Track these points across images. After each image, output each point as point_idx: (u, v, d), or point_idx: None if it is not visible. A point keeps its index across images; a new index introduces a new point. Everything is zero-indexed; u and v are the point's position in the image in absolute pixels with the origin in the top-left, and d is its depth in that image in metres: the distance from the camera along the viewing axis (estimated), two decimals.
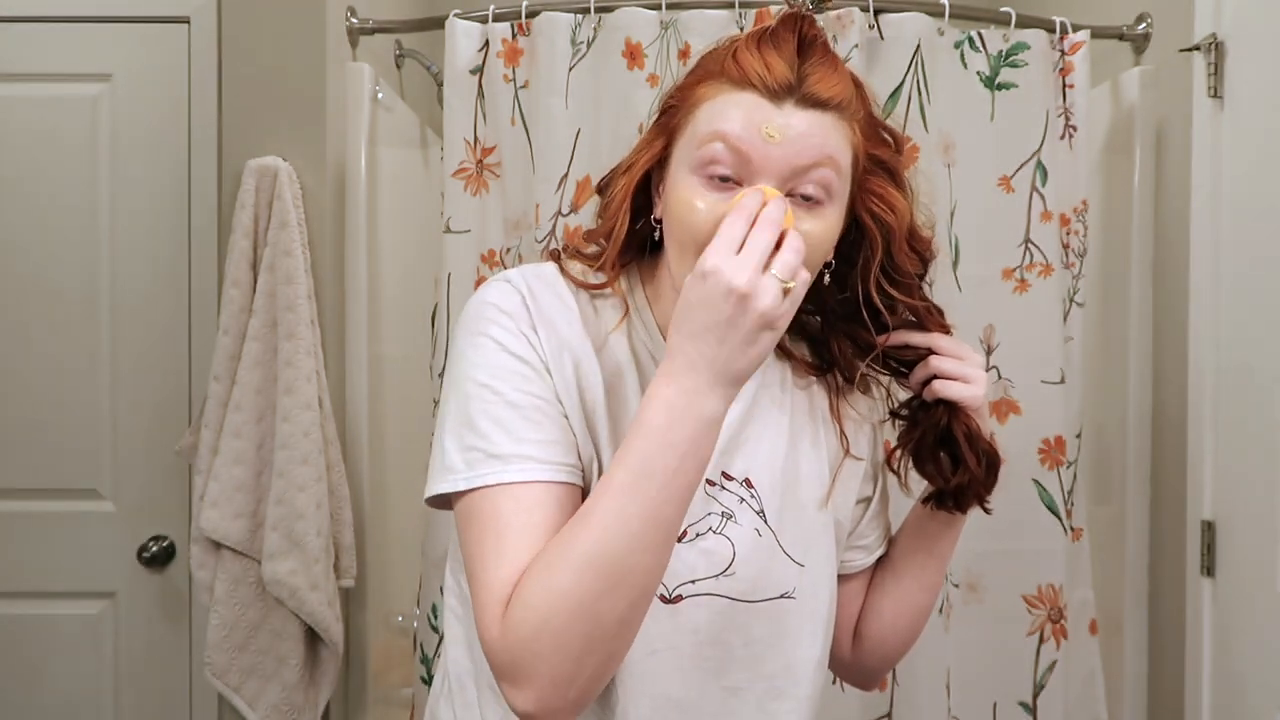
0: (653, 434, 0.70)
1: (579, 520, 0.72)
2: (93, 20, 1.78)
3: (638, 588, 0.71)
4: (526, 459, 0.76)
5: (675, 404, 0.70)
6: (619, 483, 0.71)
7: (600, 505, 0.71)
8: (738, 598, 0.85)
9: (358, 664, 1.86)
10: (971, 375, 0.86)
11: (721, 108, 0.78)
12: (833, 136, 0.78)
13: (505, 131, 1.71)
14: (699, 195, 0.77)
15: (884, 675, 1.08)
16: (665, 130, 0.83)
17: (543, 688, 0.70)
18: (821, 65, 0.78)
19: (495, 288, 0.83)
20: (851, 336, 0.89)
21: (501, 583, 0.72)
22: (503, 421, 0.77)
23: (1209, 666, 1.55)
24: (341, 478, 1.75)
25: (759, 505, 0.86)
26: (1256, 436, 1.43)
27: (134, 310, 1.80)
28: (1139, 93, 1.76)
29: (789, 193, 0.77)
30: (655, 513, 0.70)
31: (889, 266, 0.84)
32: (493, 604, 0.72)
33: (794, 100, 0.76)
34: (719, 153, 0.76)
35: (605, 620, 0.70)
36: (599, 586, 0.69)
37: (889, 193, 0.83)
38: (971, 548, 1.66)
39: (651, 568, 0.71)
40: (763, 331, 0.70)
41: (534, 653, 0.69)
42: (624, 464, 0.71)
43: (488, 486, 0.75)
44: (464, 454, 0.77)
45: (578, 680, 0.71)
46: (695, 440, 0.71)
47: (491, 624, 0.71)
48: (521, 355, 0.79)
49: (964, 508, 0.91)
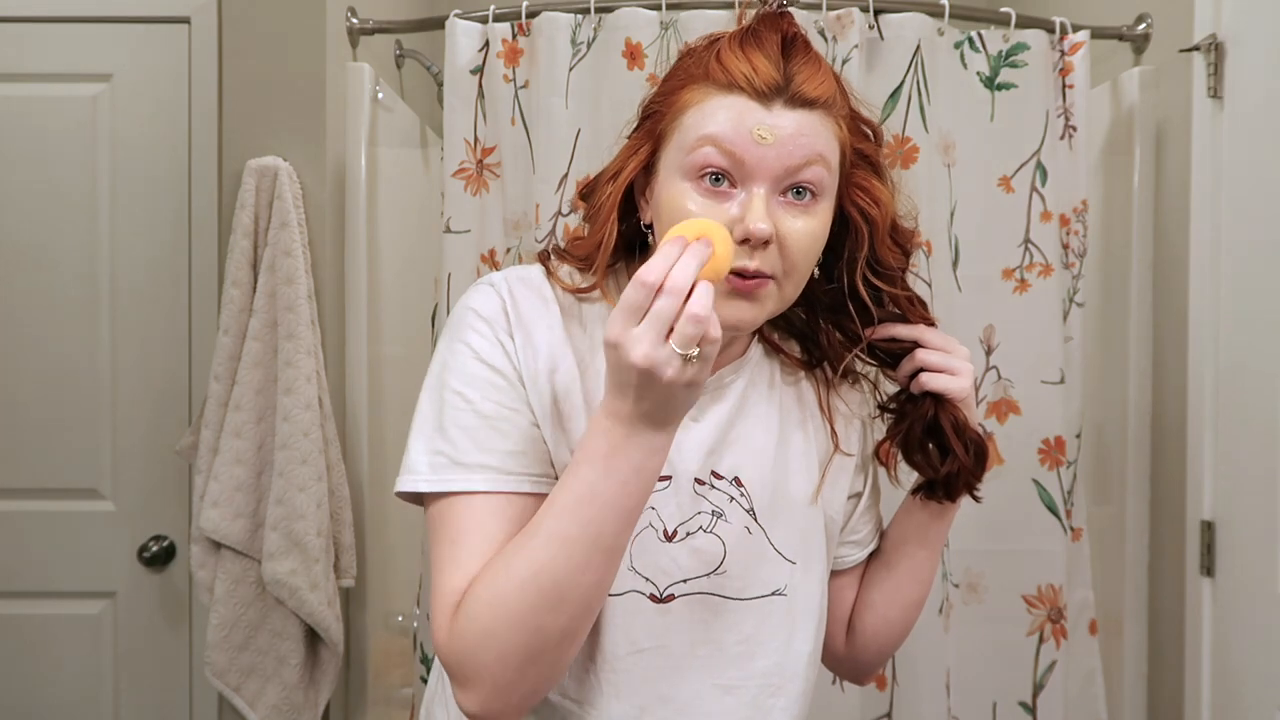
0: (596, 460, 0.71)
1: (525, 536, 0.73)
2: (93, 20, 1.78)
3: (580, 603, 0.72)
4: (489, 469, 0.77)
5: (614, 434, 0.70)
6: (562, 504, 0.72)
7: (544, 525, 0.72)
8: (729, 595, 0.85)
9: (358, 664, 1.86)
10: (957, 367, 0.87)
11: (710, 111, 0.78)
12: (822, 134, 0.78)
13: (505, 131, 1.71)
14: (692, 200, 0.77)
15: (879, 669, 1.08)
16: (651, 136, 0.83)
17: (487, 692, 0.72)
18: (807, 64, 0.79)
19: (477, 292, 0.84)
20: (840, 327, 0.90)
21: (452, 590, 0.74)
22: (470, 430, 0.78)
23: (1209, 666, 1.55)
24: (341, 478, 1.75)
25: (749, 504, 0.86)
26: (1256, 436, 1.43)
27: (134, 310, 1.80)
28: (1139, 93, 1.76)
29: (782, 192, 0.77)
30: (598, 533, 0.71)
31: (873, 259, 0.85)
32: (443, 609, 0.74)
33: (782, 101, 0.77)
34: (711, 156, 0.77)
35: (547, 633, 0.71)
36: (540, 603, 0.71)
37: (874, 186, 0.84)
38: (971, 548, 1.66)
39: (594, 585, 0.72)
40: (679, 390, 0.68)
41: (478, 660, 0.72)
42: (568, 486, 0.72)
43: (451, 494, 0.77)
44: (429, 457, 0.78)
45: (520, 687, 0.73)
46: (637, 467, 0.71)
47: (440, 628, 0.74)
48: (494, 364, 0.80)
49: (954, 497, 0.92)
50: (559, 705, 0.83)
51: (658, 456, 0.72)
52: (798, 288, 0.81)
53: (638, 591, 0.83)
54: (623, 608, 0.82)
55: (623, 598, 0.82)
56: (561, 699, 0.83)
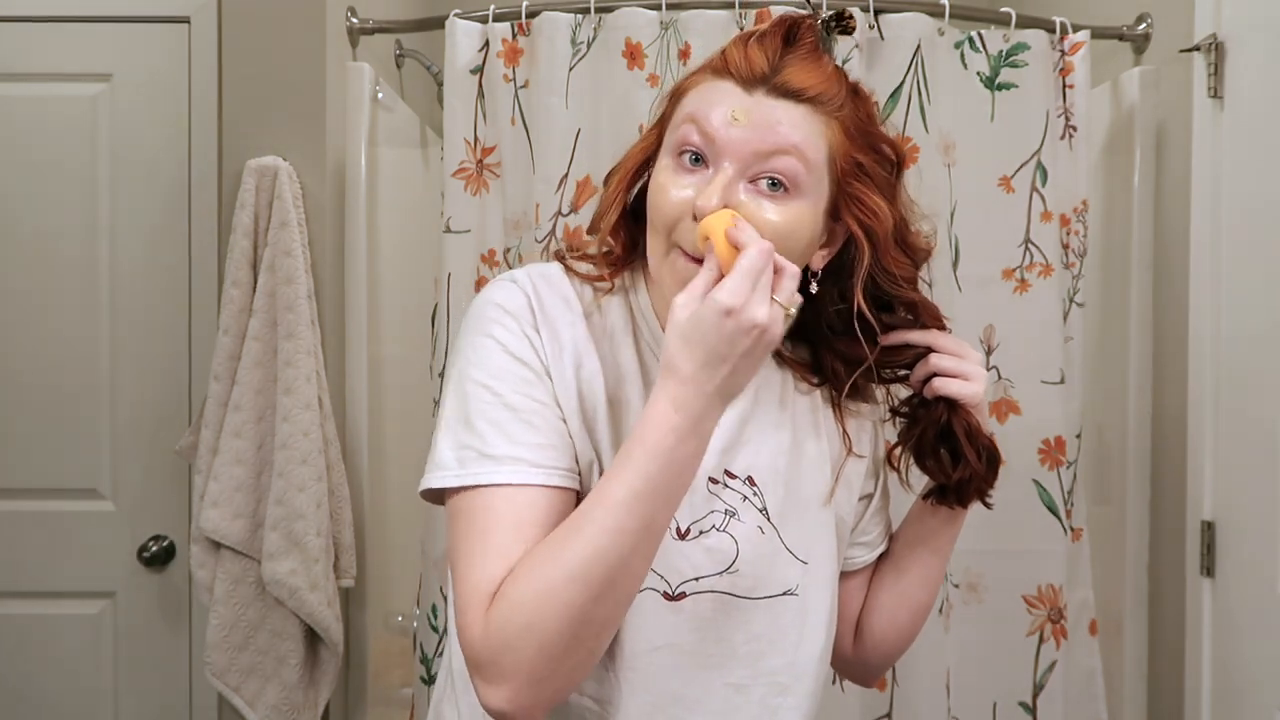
0: (658, 454, 0.71)
1: (574, 526, 0.72)
2: (93, 20, 1.78)
3: (628, 592, 0.73)
4: (519, 461, 0.76)
5: (681, 427, 0.71)
6: (618, 498, 0.71)
7: (598, 516, 0.71)
8: (741, 595, 0.85)
9: (358, 664, 1.86)
10: (971, 372, 0.87)
11: (701, 94, 0.80)
12: (803, 128, 0.78)
13: (505, 131, 1.71)
14: (669, 178, 0.80)
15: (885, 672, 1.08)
16: (659, 124, 0.86)
17: (519, 685, 0.70)
18: (802, 60, 0.79)
19: (501, 287, 0.84)
20: (843, 356, 0.89)
21: (487, 580, 0.72)
22: (499, 423, 0.77)
23: (1209, 666, 1.55)
24: (341, 477, 1.75)
25: (761, 503, 0.86)
26: (1256, 436, 1.43)
27: (134, 310, 1.80)
28: (1139, 93, 1.76)
29: (751, 179, 0.78)
30: (651, 524, 0.72)
31: (879, 272, 0.85)
32: (476, 601, 0.72)
33: (765, 89, 0.78)
34: (688, 134, 0.79)
35: (593, 623, 0.71)
36: (591, 593, 0.70)
37: (872, 199, 0.82)
38: (971, 548, 1.65)
39: (642, 573, 0.74)
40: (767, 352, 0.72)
41: (516, 651, 0.70)
42: (623, 480, 0.71)
43: (480, 486, 0.76)
44: (457, 452, 0.77)
45: (554, 679, 0.71)
46: (696, 456, 0.73)
47: (474, 621, 0.72)
48: (522, 357, 0.80)
49: (965, 503, 0.92)
50: (577, 704, 0.83)
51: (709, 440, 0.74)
52: None
53: (651, 589, 0.83)
54: (638, 605, 0.82)
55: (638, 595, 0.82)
56: (580, 698, 0.83)
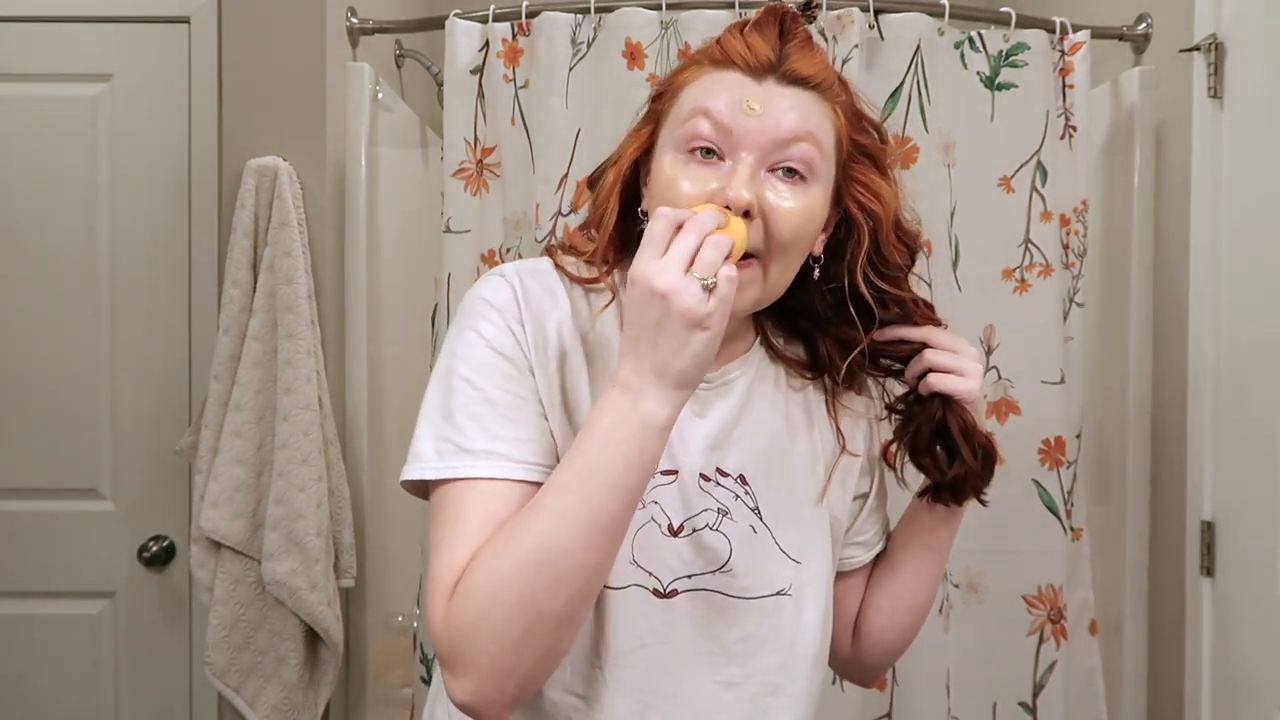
0: (597, 433, 0.71)
1: (526, 513, 0.72)
2: (93, 20, 1.78)
3: (578, 585, 0.71)
4: (496, 456, 0.76)
5: (618, 404, 0.71)
6: (563, 480, 0.71)
7: (545, 500, 0.71)
8: (733, 594, 0.85)
9: (358, 664, 1.86)
10: (966, 368, 0.87)
11: (705, 86, 0.80)
12: (814, 114, 0.79)
13: (505, 131, 1.71)
14: (682, 171, 0.79)
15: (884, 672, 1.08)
16: (652, 117, 0.85)
17: (481, 678, 0.70)
18: (802, 48, 0.80)
19: (488, 282, 0.84)
20: (839, 340, 0.89)
21: (450, 569, 0.73)
22: (479, 417, 0.77)
23: (1209, 666, 1.55)
24: (341, 478, 1.75)
25: (754, 502, 0.86)
26: (1256, 436, 1.43)
27: (134, 310, 1.80)
28: (1139, 93, 1.76)
29: (769, 168, 0.78)
30: (598, 510, 0.70)
31: (876, 259, 0.85)
32: (440, 589, 0.73)
33: (775, 77, 0.79)
34: (701, 128, 0.78)
35: (545, 614, 0.70)
36: (539, 580, 0.69)
37: (874, 181, 0.83)
38: (971, 548, 1.66)
39: (593, 566, 0.72)
40: (692, 331, 0.69)
41: (473, 641, 0.70)
42: (570, 462, 0.72)
43: (456, 480, 0.76)
44: (436, 444, 0.77)
45: (515, 674, 0.71)
46: (639, 441, 0.71)
47: (437, 609, 0.72)
48: (506, 353, 0.80)
49: (961, 500, 0.92)
50: (563, 702, 0.83)
51: (660, 434, 0.71)
52: (784, 273, 0.81)
53: (640, 585, 0.82)
54: (625, 602, 0.82)
55: (625, 591, 0.82)
56: (566, 695, 0.83)
